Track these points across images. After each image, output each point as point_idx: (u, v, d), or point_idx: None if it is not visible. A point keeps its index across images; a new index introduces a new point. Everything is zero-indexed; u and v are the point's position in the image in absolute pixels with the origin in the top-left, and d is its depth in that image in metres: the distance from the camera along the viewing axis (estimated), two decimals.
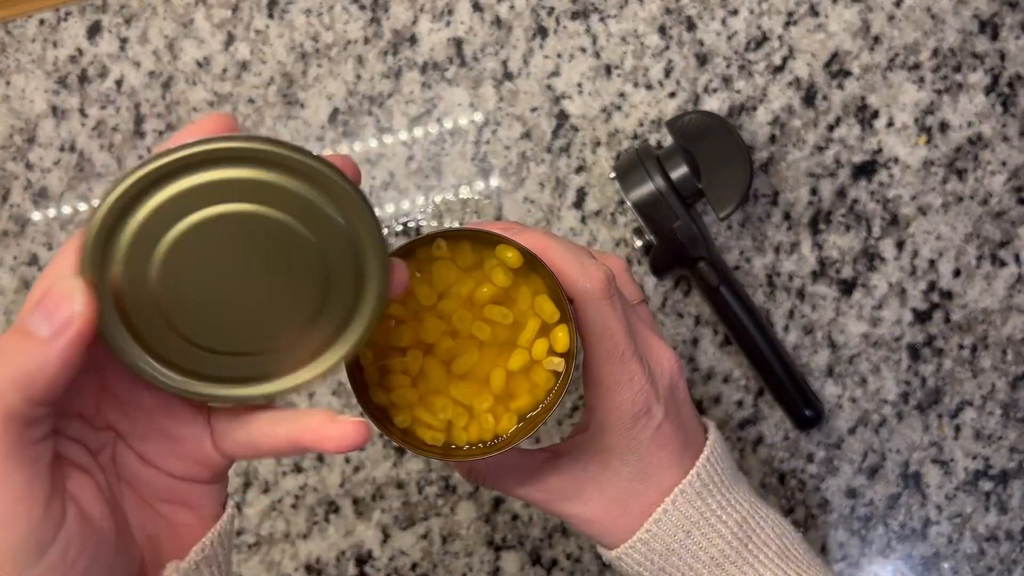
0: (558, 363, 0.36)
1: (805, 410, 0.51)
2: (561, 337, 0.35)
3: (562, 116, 0.53)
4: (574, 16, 0.53)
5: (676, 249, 0.49)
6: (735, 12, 0.53)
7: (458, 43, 0.54)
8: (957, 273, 0.52)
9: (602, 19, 0.53)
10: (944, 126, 0.52)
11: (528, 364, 0.36)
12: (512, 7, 0.53)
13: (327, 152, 0.54)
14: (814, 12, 0.52)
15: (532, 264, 0.35)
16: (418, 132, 0.54)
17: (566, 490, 0.39)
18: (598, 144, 0.53)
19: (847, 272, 0.52)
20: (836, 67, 0.52)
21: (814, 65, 0.52)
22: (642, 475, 0.38)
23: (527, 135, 0.54)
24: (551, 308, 0.35)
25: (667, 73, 0.53)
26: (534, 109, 0.53)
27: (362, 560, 0.54)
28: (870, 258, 0.52)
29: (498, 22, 0.54)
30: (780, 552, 0.39)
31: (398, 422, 0.36)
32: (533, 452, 0.40)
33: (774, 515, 0.40)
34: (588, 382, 0.38)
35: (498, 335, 0.36)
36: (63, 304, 0.27)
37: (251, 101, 0.54)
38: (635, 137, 0.53)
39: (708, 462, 0.39)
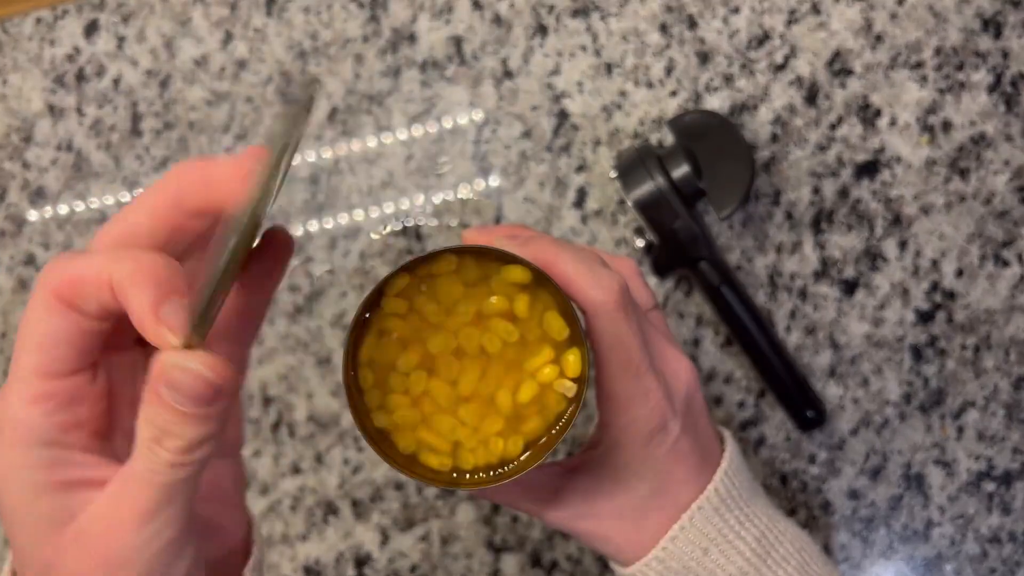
0: (570, 387, 0.34)
1: (807, 411, 0.51)
2: (572, 361, 0.34)
3: (562, 115, 0.53)
4: (574, 14, 0.53)
5: (677, 249, 0.49)
6: (737, 10, 0.52)
7: (457, 41, 0.53)
8: (960, 273, 0.52)
9: (603, 17, 0.53)
10: (947, 125, 0.52)
11: (538, 391, 0.34)
12: (512, 5, 0.53)
13: (327, 153, 0.54)
14: (816, 10, 0.52)
15: (540, 278, 0.34)
16: (417, 131, 0.54)
17: (578, 508, 0.38)
18: (599, 143, 0.53)
19: (849, 272, 0.52)
20: (838, 66, 0.52)
21: (816, 64, 0.52)
22: (658, 492, 0.37)
23: (527, 134, 0.53)
24: (560, 325, 0.34)
25: (668, 72, 0.53)
26: (534, 108, 0.53)
27: (361, 562, 0.54)
28: (872, 258, 0.52)
29: (498, 20, 0.53)
30: (800, 568, 0.38)
31: (402, 447, 0.34)
32: (543, 467, 0.39)
33: (792, 528, 0.40)
34: (601, 397, 0.37)
35: (506, 354, 0.34)
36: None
37: (249, 100, 0.54)
38: (636, 136, 0.53)
39: (726, 476, 0.38)
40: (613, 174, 0.49)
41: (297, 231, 0.54)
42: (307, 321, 0.54)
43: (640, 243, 0.50)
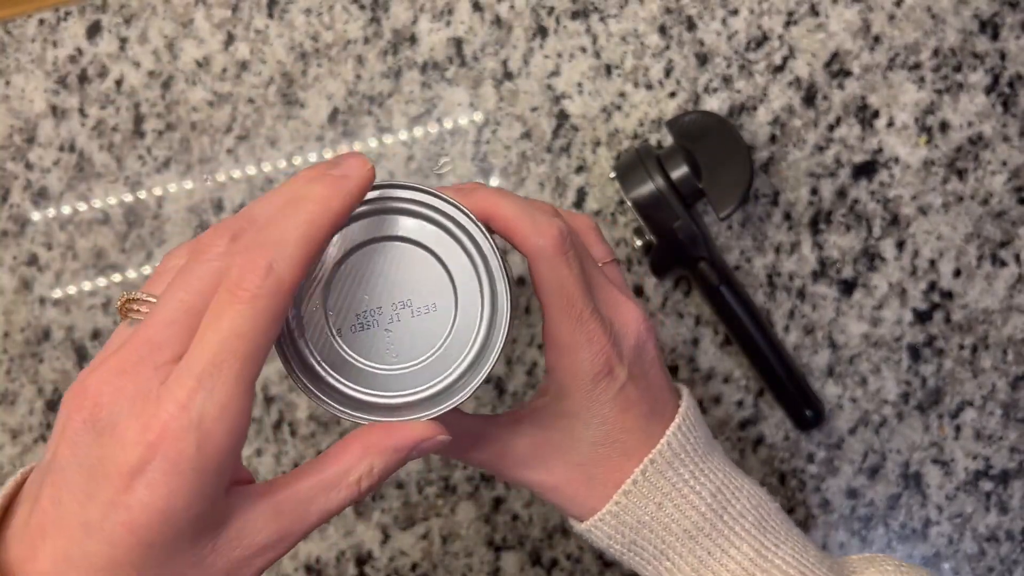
0: None
1: (805, 410, 0.51)
2: None
3: (562, 116, 0.53)
4: (574, 16, 0.53)
5: (676, 249, 0.49)
6: (735, 12, 0.53)
7: (458, 43, 0.54)
8: (957, 273, 0.52)
9: (602, 19, 0.53)
10: (944, 126, 0.52)
11: None
12: (512, 7, 0.53)
13: (328, 153, 0.54)
14: (814, 12, 0.52)
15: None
16: (418, 132, 0.54)
17: (527, 457, 0.38)
18: (598, 144, 0.53)
19: (847, 272, 0.52)
20: (836, 67, 0.52)
21: (814, 65, 0.52)
22: (606, 440, 0.37)
23: (527, 135, 0.53)
24: None
25: (667, 73, 0.53)
26: (534, 109, 0.53)
27: (362, 560, 0.54)
28: (870, 258, 0.52)
29: (498, 22, 0.54)
30: (757, 523, 0.38)
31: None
32: (493, 418, 0.39)
33: (750, 484, 0.39)
34: (547, 343, 0.37)
35: None
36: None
37: (251, 101, 0.54)
38: (635, 137, 0.53)
39: (680, 430, 0.38)
40: (612, 175, 0.49)
41: None
42: None
43: (639, 243, 0.50)
